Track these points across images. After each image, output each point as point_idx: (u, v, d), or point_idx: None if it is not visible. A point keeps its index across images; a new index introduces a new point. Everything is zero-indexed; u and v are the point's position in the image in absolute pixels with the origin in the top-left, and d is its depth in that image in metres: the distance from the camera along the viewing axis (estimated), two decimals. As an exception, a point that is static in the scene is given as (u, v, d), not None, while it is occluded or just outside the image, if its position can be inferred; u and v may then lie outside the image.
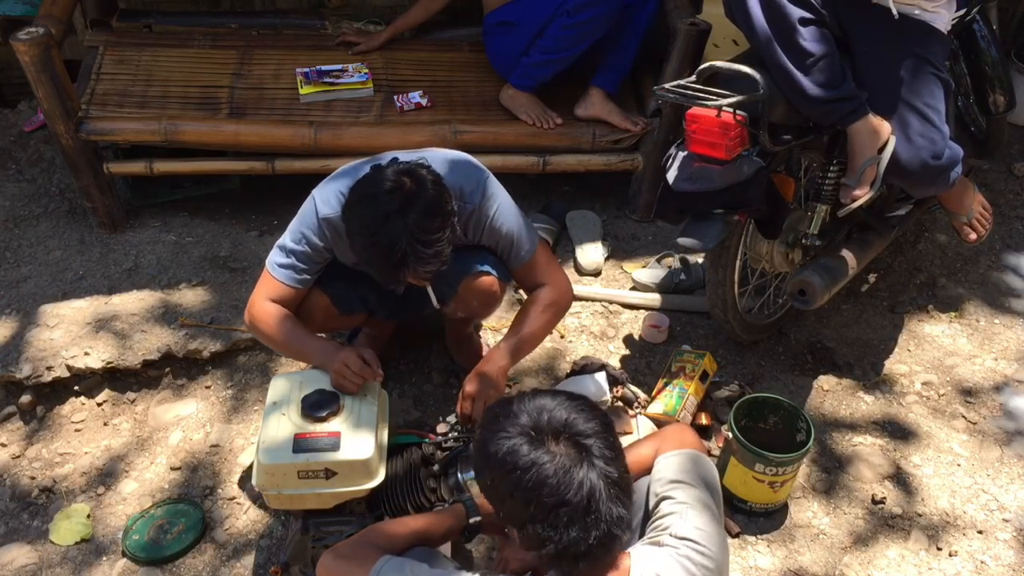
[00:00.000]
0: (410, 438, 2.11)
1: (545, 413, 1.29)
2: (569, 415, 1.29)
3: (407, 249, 1.74)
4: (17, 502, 2.25)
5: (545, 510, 1.24)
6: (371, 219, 1.76)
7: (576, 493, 1.23)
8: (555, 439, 1.26)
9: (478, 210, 1.98)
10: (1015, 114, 3.02)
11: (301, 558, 1.93)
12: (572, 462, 1.24)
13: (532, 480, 1.24)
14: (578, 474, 1.23)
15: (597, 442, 1.26)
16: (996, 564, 2.09)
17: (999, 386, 2.53)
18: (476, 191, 1.97)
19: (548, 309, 2.10)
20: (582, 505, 1.23)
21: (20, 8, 3.06)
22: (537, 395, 1.35)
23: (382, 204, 1.75)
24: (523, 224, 2.08)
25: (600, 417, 1.31)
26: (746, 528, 2.15)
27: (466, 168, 2.01)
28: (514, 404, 1.33)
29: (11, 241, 2.85)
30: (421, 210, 1.75)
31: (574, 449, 1.25)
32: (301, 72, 2.95)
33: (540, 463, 1.24)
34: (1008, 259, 2.96)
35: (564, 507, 1.23)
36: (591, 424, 1.28)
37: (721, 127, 1.94)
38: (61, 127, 2.61)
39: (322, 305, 2.09)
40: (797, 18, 2.01)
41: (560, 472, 1.23)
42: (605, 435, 1.28)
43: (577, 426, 1.27)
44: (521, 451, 1.25)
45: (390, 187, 1.76)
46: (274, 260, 2.00)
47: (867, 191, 2.16)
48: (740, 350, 2.60)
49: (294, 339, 2.00)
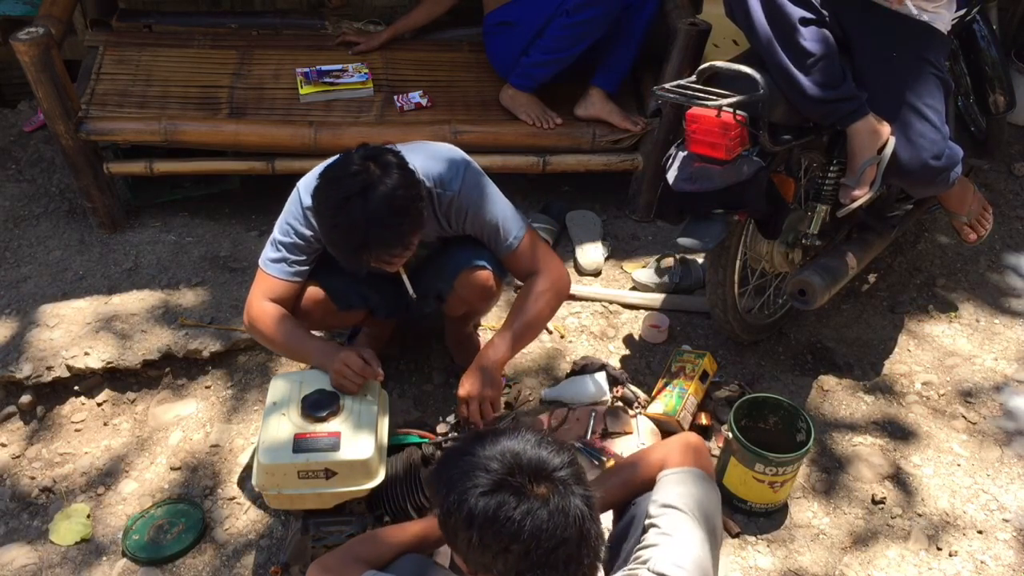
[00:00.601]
0: (410, 438, 2.11)
1: (515, 457, 1.24)
2: (538, 453, 1.24)
3: (367, 232, 1.75)
4: (17, 502, 2.25)
5: (545, 553, 1.20)
6: (333, 201, 1.77)
7: (569, 529, 1.20)
8: (535, 482, 1.21)
9: (458, 197, 1.97)
10: (1015, 114, 3.02)
11: (301, 558, 1.93)
12: (560, 499, 1.21)
13: (529, 530, 1.19)
14: (569, 510, 1.21)
15: (567, 471, 1.23)
16: (996, 564, 2.09)
17: (999, 386, 2.53)
18: (455, 178, 1.97)
19: (543, 296, 2.05)
20: (575, 539, 1.21)
21: (20, 8, 3.06)
22: (495, 439, 1.29)
23: (344, 187, 1.75)
24: (508, 211, 2.05)
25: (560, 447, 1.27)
26: (746, 528, 2.15)
27: (446, 156, 2.01)
28: (477, 455, 1.26)
29: (11, 241, 2.85)
30: (383, 193, 1.75)
31: (554, 486, 1.22)
32: (301, 72, 2.95)
33: (534, 511, 1.19)
34: (1008, 259, 2.96)
35: (563, 547, 1.20)
36: (560, 457, 1.24)
37: (721, 127, 1.94)
38: (61, 127, 2.62)
39: (320, 301, 2.09)
40: (797, 18, 2.01)
41: (555, 514, 1.20)
42: (572, 464, 1.25)
43: (551, 463, 1.23)
44: (509, 503, 1.20)
45: (354, 170, 1.77)
46: (266, 256, 2.01)
47: (866, 191, 2.16)
48: (740, 350, 2.60)
49: (293, 339, 2.00)
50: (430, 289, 2.20)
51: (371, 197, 1.74)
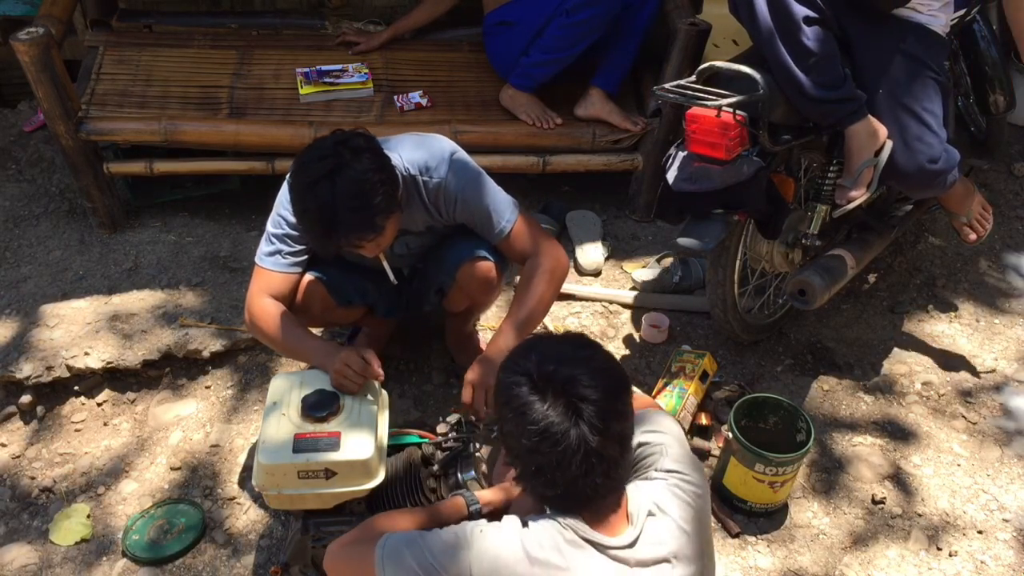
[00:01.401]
0: (410, 438, 2.11)
1: (553, 364, 1.32)
2: (573, 373, 1.31)
3: (334, 215, 1.75)
4: (17, 502, 2.25)
5: (529, 449, 1.30)
6: (302, 185, 1.77)
7: (560, 443, 1.27)
8: (553, 393, 1.29)
9: (445, 184, 1.96)
10: (1015, 114, 3.02)
11: (301, 558, 1.93)
12: (561, 419, 1.28)
13: (523, 420, 1.30)
14: (566, 428, 1.27)
15: (592, 409, 1.28)
16: (996, 564, 2.09)
17: (999, 386, 2.53)
18: (442, 165, 1.96)
19: (542, 279, 2.02)
20: (564, 458, 1.27)
21: (20, 8, 3.07)
22: (557, 342, 1.38)
23: (313, 171, 1.76)
24: (500, 196, 2.03)
25: (605, 383, 1.32)
26: (746, 528, 2.16)
27: (432, 144, 2.00)
28: (535, 343, 1.38)
29: (11, 241, 2.85)
30: (351, 177, 1.74)
31: (568, 410, 1.28)
32: (301, 72, 2.95)
33: (532, 408, 1.29)
34: (1008, 259, 2.96)
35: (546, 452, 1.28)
36: (591, 390, 1.29)
37: (721, 127, 1.94)
38: (61, 127, 2.62)
39: (320, 295, 2.09)
40: (801, 17, 2.01)
41: (549, 423, 1.28)
42: (606, 401, 1.30)
43: (579, 386, 1.30)
44: (521, 392, 1.30)
45: (323, 154, 1.77)
46: (261, 251, 2.02)
47: (863, 193, 2.16)
48: (740, 350, 2.60)
49: (294, 338, 1.99)
50: (431, 283, 2.20)
51: (338, 180, 1.74)
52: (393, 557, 1.40)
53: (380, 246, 1.90)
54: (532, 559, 1.28)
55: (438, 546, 1.36)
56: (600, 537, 1.31)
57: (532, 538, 1.30)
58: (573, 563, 1.29)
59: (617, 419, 1.31)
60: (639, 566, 1.32)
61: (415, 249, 2.17)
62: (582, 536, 1.31)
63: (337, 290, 2.12)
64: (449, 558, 1.34)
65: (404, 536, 1.42)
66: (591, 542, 1.30)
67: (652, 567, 1.32)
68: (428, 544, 1.37)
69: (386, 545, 1.42)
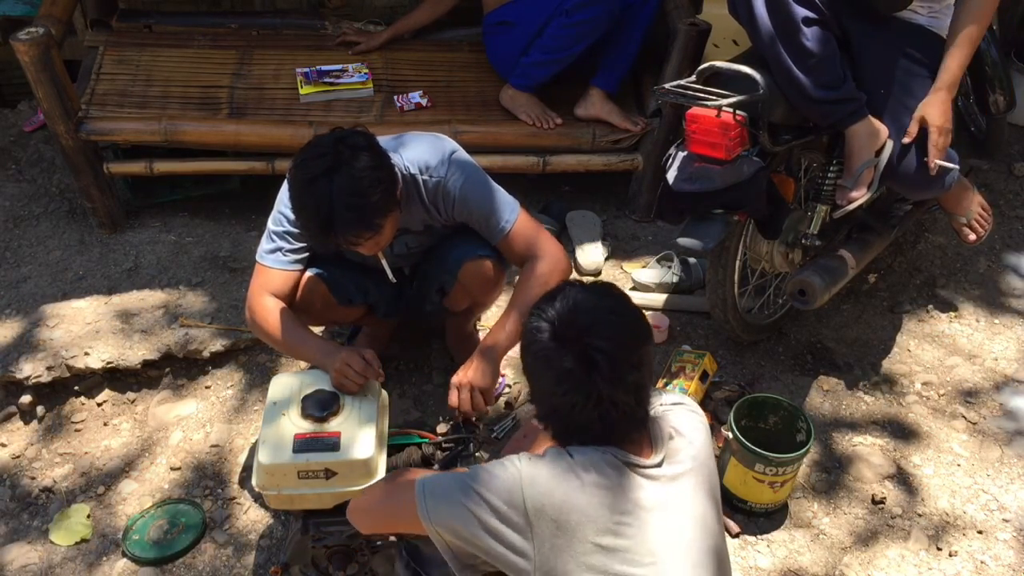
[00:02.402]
0: (410, 438, 2.11)
1: (573, 312, 1.36)
2: (593, 323, 1.34)
3: (331, 212, 1.75)
4: (17, 502, 2.25)
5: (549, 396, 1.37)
6: (300, 182, 1.78)
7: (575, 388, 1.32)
8: (569, 341, 1.33)
9: (444, 182, 1.96)
10: (1015, 114, 3.01)
11: (301, 558, 1.93)
12: (576, 367, 1.32)
13: (544, 369, 1.36)
14: (583, 381, 1.31)
15: (604, 358, 1.31)
16: (996, 564, 2.09)
17: (999, 386, 2.53)
18: (442, 164, 1.96)
19: (539, 281, 1.98)
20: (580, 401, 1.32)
21: (20, 8, 3.07)
22: (583, 290, 1.41)
23: (311, 168, 1.76)
24: (499, 194, 2.02)
25: (622, 334, 1.36)
26: (746, 528, 2.16)
27: (432, 143, 2.00)
28: (562, 290, 1.41)
29: (11, 241, 2.85)
30: (348, 174, 1.74)
31: (580, 357, 1.32)
32: (301, 72, 2.95)
33: (550, 355, 1.34)
34: (1008, 259, 2.96)
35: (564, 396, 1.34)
36: (606, 340, 1.33)
37: (721, 127, 1.94)
38: (61, 127, 2.62)
39: (320, 293, 2.09)
40: (801, 17, 2.01)
41: (565, 372, 1.32)
42: (618, 353, 1.33)
43: (593, 337, 1.33)
44: (542, 338, 1.35)
45: (322, 152, 1.77)
46: (261, 249, 2.02)
47: (864, 193, 2.16)
48: (740, 350, 2.60)
49: (295, 338, 1.99)
50: (432, 282, 2.20)
51: (337, 178, 1.74)
52: (436, 493, 1.41)
53: (379, 244, 1.90)
54: (584, 481, 1.32)
55: (483, 477, 1.37)
56: (635, 459, 1.36)
57: (579, 462, 1.34)
58: (618, 481, 1.34)
59: (632, 370, 1.34)
60: (669, 482, 1.38)
61: (415, 249, 2.17)
62: (620, 459, 1.36)
63: (338, 288, 2.12)
64: (498, 485, 1.35)
65: (444, 478, 1.44)
66: (628, 463, 1.36)
67: (677, 481, 1.39)
68: (474, 477, 1.38)
69: (426, 484, 1.43)
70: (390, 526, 1.64)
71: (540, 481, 1.33)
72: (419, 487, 1.42)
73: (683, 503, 1.39)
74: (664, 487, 1.37)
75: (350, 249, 1.89)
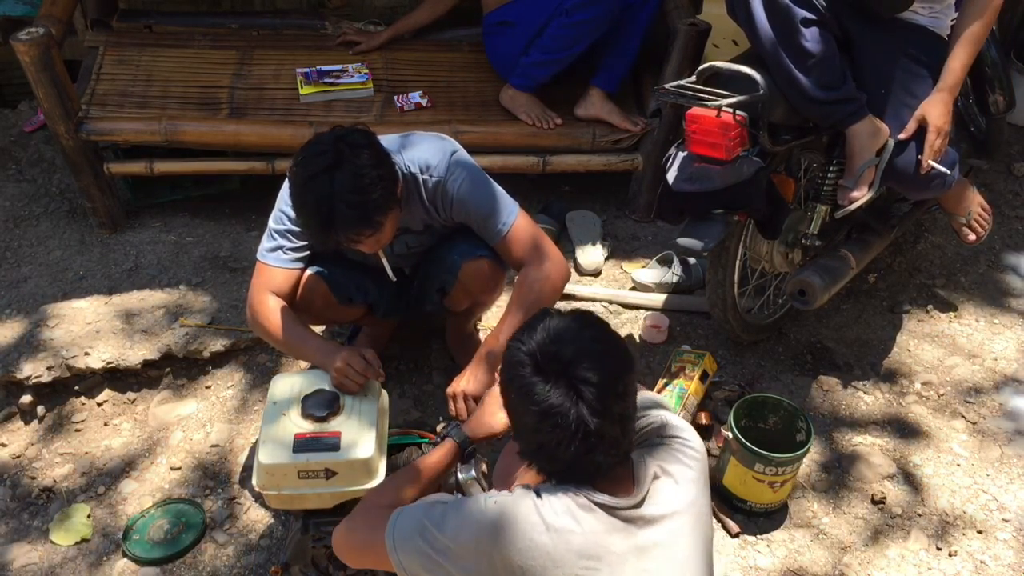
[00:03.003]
0: (410, 438, 2.11)
1: (556, 344, 1.33)
2: (576, 355, 1.31)
3: (332, 209, 1.75)
4: (17, 502, 2.25)
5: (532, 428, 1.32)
6: (301, 180, 1.78)
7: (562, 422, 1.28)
8: (555, 374, 1.30)
9: (444, 182, 1.96)
10: (1015, 114, 3.01)
11: (301, 558, 1.93)
12: (561, 400, 1.28)
13: (526, 400, 1.31)
14: (567, 408, 1.29)
15: (592, 391, 1.29)
16: (996, 564, 2.09)
17: (999, 386, 2.54)
18: (442, 163, 1.96)
19: (535, 286, 1.97)
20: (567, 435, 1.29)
21: (20, 8, 3.07)
22: (563, 320, 1.38)
23: (312, 165, 1.76)
24: (499, 195, 2.01)
25: (607, 365, 1.32)
26: (746, 528, 2.16)
27: (433, 143, 2.00)
28: (542, 321, 1.38)
29: (11, 241, 2.85)
30: (349, 171, 1.74)
31: (567, 389, 1.29)
32: (301, 72, 2.95)
33: (533, 389, 1.30)
34: (1008, 259, 2.96)
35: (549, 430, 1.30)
36: (592, 372, 1.30)
37: (721, 127, 1.94)
38: (61, 127, 2.62)
39: (321, 291, 2.09)
40: (800, 18, 2.01)
41: (550, 406, 1.29)
42: (604, 384, 1.30)
43: (581, 367, 1.30)
44: (524, 372, 1.32)
45: (322, 149, 1.77)
46: (262, 248, 2.02)
47: (865, 193, 2.16)
48: (740, 350, 2.60)
49: (295, 337, 1.99)
50: (433, 282, 2.20)
51: (337, 175, 1.74)
52: (405, 544, 1.40)
53: (379, 242, 1.90)
54: (549, 526, 1.30)
55: (451, 526, 1.36)
56: (608, 499, 1.33)
57: (547, 507, 1.32)
58: (586, 526, 1.31)
59: (617, 400, 1.32)
60: (646, 525, 1.34)
61: (415, 248, 2.17)
62: (592, 500, 1.33)
63: (338, 287, 2.12)
64: (465, 536, 1.34)
65: (412, 521, 1.42)
66: (600, 504, 1.33)
67: (658, 523, 1.35)
68: (439, 524, 1.37)
69: (396, 532, 1.42)
70: (372, 563, 1.57)
71: (505, 530, 1.31)
72: (389, 539, 1.41)
73: (665, 547, 1.35)
74: (642, 530, 1.34)
75: (350, 247, 1.89)
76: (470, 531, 1.34)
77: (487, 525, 1.33)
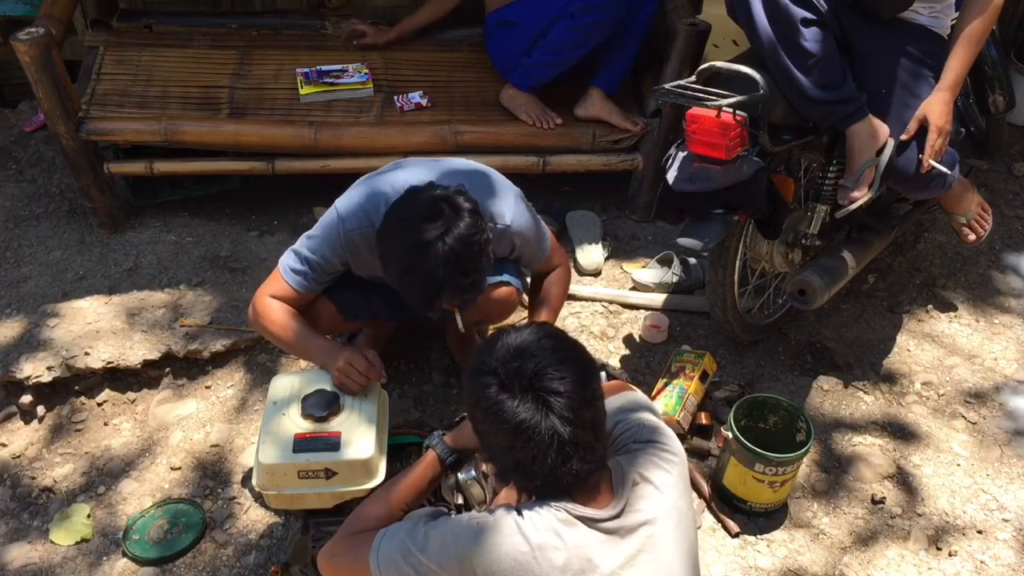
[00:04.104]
0: (410, 438, 2.11)
1: (518, 359, 1.33)
2: (539, 367, 1.31)
3: (444, 279, 1.72)
4: (17, 502, 2.25)
5: (505, 446, 1.32)
6: (409, 247, 1.73)
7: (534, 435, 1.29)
8: (521, 389, 1.31)
9: (509, 231, 1.98)
10: (1015, 114, 3.02)
11: (301, 558, 1.93)
12: (532, 414, 1.29)
13: (496, 419, 1.32)
14: (537, 421, 1.29)
15: (562, 401, 1.30)
16: (996, 564, 2.09)
17: (999, 386, 2.54)
18: (507, 211, 1.96)
19: (561, 284, 2.19)
20: (541, 448, 1.30)
21: (20, 8, 3.06)
22: (520, 334, 1.38)
23: (420, 232, 1.71)
24: (539, 229, 2.09)
25: (572, 373, 1.33)
26: (746, 528, 2.16)
27: (494, 188, 1.99)
28: (498, 339, 1.38)
29: (11, 241, 2.85)
30: (459, 240, 1.71)
31: (537, 403, 1.30)
32: (301, 72, 2.95)
33: (502, 407, 1.30)
34: (1008, 259, 2.96)
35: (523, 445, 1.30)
36: (558, 382, 1.31)
37: (721, 127, 1.94)
38: (61, 127, 2.62)
39: (328, 312, 2.08)
40: (799, 18, 2.01)
41: (521, 422, 1.29)
42: (574, 392, 1.31)
43: (546, 380, 1.31)
44: (490, 393, 1.32)
45: (428, 214, 1.72)
46: (288, 263, 1.98)
47: (865, 192, 2.16)
48: (740, 350, 2.61)
49: (297, 337, 1.99)
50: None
51: (447, 242, 1.70)
52: (390, 568, 1.40)
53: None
54: (532, 544, 1.30)
55: (434, 548, 1.36)
56: (589, 512, 1.34)
57: (529, 524, 1.32)
58: (569, 541, 1.32)
59: (587, 406, 1.32)
60: (629, 533, 1.35)
61: None
62: (573, 514, 1.33)
63: (346, 308, 2.11)
64: (449, 560, 1.35)
65: (396, 543, 1.41)
66: (581, 518, 1.34)
67: (640, 531, 1.36)
68: (423, 547, 1.37)
69: (380, 555, 1.42)
70: None
71: (489, 552, 1.31)
72: (373, 563, 1.42)
73: (649, 553, 1.35)
74: (625, 539, 1.34)
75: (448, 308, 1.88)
76: (454, 553, 1.34)
77: (470, 546, 1.33)
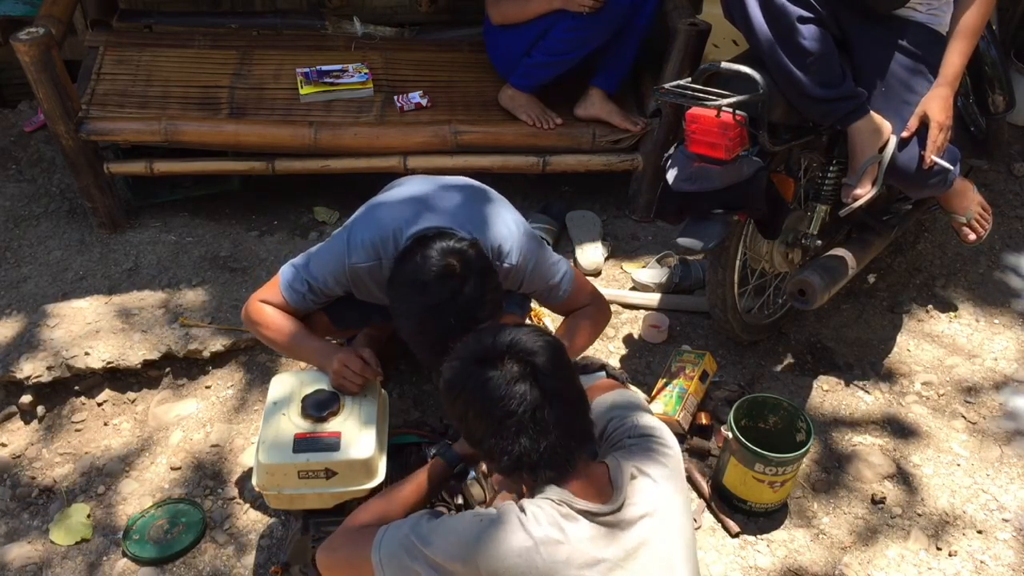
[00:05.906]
0: (410, 438, 2.11)
1: (489, 337, 1.42)
2: (514, 336, 1.40)
3: (452, 339, 1.69)
4: (17, 502, 2.25)
5: (495, 422, 1.37)
6: (420, 309, 1.76)
7: (520, 404, 1.35)
8: (501, 359, 1.38)
9: (516, 269, 1.97)
10: (1015, 114, 3.02)
11: (301, 558, 1.93)
12: (516, 376, 1.36)
13: (480, 396, 1.38)
14: (521, 387, 1.35)
15: (541, 358, 1.37)
16: (996, 564, 2.09)
17: (999, 386, 2.54)
18: (513, 250, 1.95)
19: (587, 328, 2.11)
20: (528, 415, 1.35)
21: (20, 8, 3.06)
22: (486, 328, 1.49)
23: (431, 294, 1.73)
24: (555, 263, 2.05)
25: (541, 340, 1.41)
26: (746, 528, 2.16)
27: (500, 223, 1.97)
28: (472, 337, 1.47)
29: (11, 241, 2.85)
30: (470, 298, 1.74)
31: (519, 365, 1.37)
32: (301, 72, 2.95)
33: (486, 378, 1.37)
34: (1008, 259, 2.96)
35: (510, 418, 1.35)
36: (536, 344, 1.39)
37: (721, 127, 1.94)
38: (61, 127, 2.62)
39: (323, 324, 2.08)
40: (796, 17, 2.01)
41: (504, 385, 1.35)
42: (550, 353, 1.39)
43: (521, 345, 1.39)
44: (471, 371, 1.39)
45: (438, 273, 1.73)
46: (289, 279, 1.97)
47: (868, 190, 2.16)
48: (740, 350, 2.60)
49: (293, 339, 1.99)
50: None
51: (459, 302, 1.73)
52: (392, 561, 1.41)
53: None
54: (535, 539, 1.32)
55: (438, 543, 1.37)
56: (590, 506, 1.36)
57: (531, 519, 1.34)
58: (571, 534, 1.34)
59: (565, 368, 1.41)
60: (629, 526, 1.38)
61: None
62: (575, 508, 1.36)
63: (340, 319, 2.11)
64: (453, 553, 1.36)
65: (399, 537, 1.43)
66: (583, 512, 1.36)
67: (639, 524, 1.38)
68: (426, 541, 1.38)
69: (382, 549, 1.43)
70: None
71: (495, 548, 1.33)
72: (375, 556, 1.43)
73: (649, 546, 1.38)
74: (626, 532, 1.37)
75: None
76: (458, 549, 1.36)
77: (474, 542, 1.34)
